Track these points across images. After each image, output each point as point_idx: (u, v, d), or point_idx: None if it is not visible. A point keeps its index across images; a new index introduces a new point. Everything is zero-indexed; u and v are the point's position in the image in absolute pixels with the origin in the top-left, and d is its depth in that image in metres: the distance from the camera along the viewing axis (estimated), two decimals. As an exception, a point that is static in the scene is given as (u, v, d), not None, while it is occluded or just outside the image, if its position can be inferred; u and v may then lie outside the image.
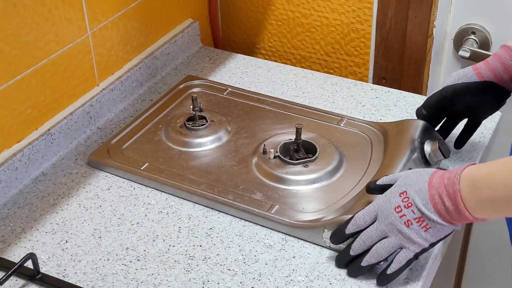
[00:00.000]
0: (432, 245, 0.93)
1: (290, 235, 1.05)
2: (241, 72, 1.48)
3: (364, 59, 1.52)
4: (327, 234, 1.00)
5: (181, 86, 1.39)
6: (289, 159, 1.15)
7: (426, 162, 1.11)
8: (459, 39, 1.48)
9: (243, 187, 1.12)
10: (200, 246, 1.04)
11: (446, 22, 1.47)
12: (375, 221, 0.94)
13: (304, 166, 1.14)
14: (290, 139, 1.18)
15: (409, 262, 0.93)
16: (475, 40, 1.45)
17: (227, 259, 1.02)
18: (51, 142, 1.21)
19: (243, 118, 1.29)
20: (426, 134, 1.13)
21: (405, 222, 0.91)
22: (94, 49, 1.29)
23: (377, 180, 0.98)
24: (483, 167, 0.86)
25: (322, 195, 1.10)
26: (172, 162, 1.18)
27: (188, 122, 1.25)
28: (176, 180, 1.14)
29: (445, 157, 1.12)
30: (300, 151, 1.16)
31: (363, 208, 0.96)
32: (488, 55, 1.47)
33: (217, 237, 1.06)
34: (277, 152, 1.16)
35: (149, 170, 1.16)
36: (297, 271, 1.00)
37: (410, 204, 0.90)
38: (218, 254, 1.02)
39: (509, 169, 0.81)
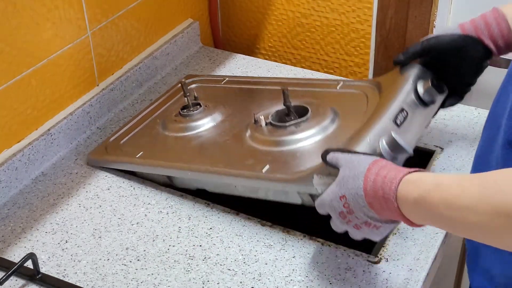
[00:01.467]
0: (390, 231, 0.90)
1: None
2: (241, 72, 1.48)
3: (364, 59, 1.52)
4: (316, 180, 0.95)
5: (180, 84, 1.39)
6: (282, 123, 1.11)
7: (422, 102, 1.07)
8: (459, 39, 1.47)
9: (236, 157, 1.10)
10: (200, 246, 1.04)
11: (446, 22, 1.47)
12: None
13: (296, 127, 1.10)
14: (283, 107, 1.14)
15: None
16: (475, 40, 1.45)
17: (227, 259, 1.02)
18: (51, 142, 1.21)
19: (240, 101, 1.27)
20: (419, 76, 1.09)
21: (354, 226, 0.89)
22: (94, 49, 1.29)
23: (329, 151, 0.93)
24: (421, 187, 0.80)
25: (316, 150, 1.05)
26: (168, 148, 1.18)
27: (182, 110, 1.24)
28: (169, 160, 1.13)
29: (439, 93, 1.09)
30: (291, 115, 1.13)
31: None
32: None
33: (217, 237, 1.06)
34: (268, 119, 1.13)
35: (143, 157, 1.16)
36: (297, 271, 1.00)
37: (352, 211, 0.88)
38: (218, 254, 1.02)
39: (445, 196, 0.77)
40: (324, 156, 0.93)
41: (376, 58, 1.50)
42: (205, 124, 1.21)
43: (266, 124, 1.13)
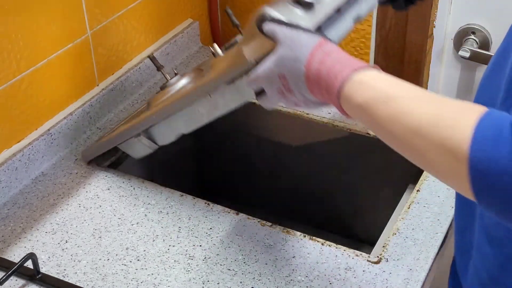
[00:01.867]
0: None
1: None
2: (241, 72, 1.47)
3: (364, 59, 1.52)
4: (246, 51, 0.89)
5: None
6: (234, 41, 1.08)
7: None
8: (459, 39, 1.48)
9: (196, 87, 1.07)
10: (200, 246, 1.04)
11: (446, 22, 1.47)
12: None
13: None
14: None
15: None
16: (475, 40, 1.45)
17: (227, 259, 1.02)
18: (51, 142, 1.21)
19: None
20: None
21: (292, 102, 0.86)
22: (94, 49, 1.29)
23: (265, 19, 0.86)
24: (368, 93, 0.74)
25: None
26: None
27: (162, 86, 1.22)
28: (141, 118, 1.12)
29: None
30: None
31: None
32: (489, 55, 1.47)
33: (217, 237, 1.06)
34: (223, 46, 1.09)
35: (120, 127, 1.16)
36: (297, 271, 1.00)
37: (291, 91, 0.84)
38: (218, 254, 1.02)
39: (392, 110, 0.72)
40: (259, 24, 0.87)
41: (376, 58, 1.50)
42: (180, 85, 1.16)
43: (222, 51, 1.09)
